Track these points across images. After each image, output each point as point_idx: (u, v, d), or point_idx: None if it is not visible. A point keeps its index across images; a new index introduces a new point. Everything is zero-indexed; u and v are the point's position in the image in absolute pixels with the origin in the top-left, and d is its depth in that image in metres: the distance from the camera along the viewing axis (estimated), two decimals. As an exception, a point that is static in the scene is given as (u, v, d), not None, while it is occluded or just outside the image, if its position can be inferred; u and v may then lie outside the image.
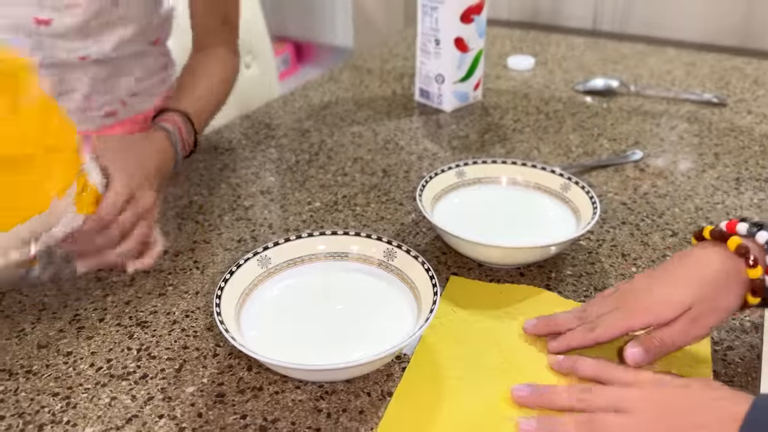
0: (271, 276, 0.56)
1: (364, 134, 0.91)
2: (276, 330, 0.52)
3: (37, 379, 0.50)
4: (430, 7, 0.92)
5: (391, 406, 0.47)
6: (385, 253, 0.57)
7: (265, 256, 0.55)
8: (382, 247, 0.57)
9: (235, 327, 0.50)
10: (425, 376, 0.49)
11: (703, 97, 1.00)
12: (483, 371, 0.49)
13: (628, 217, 0.71)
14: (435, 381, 0.49)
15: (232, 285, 0.52)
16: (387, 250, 0.57)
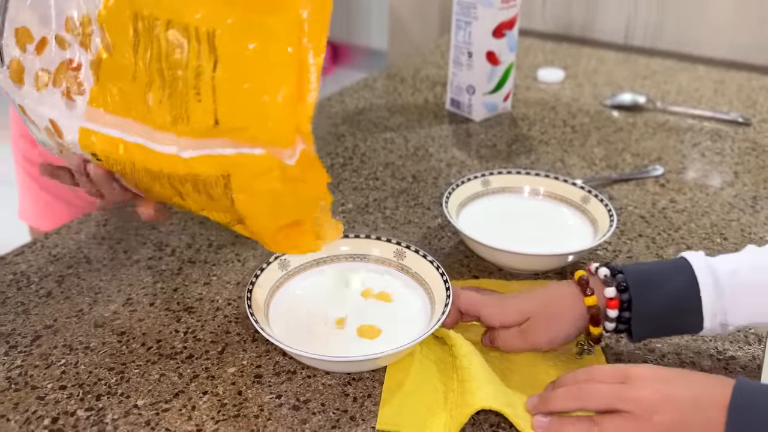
0: (295, 275, 0.61)
1: (396, 140, 0.95)
2: (302, 323, 0.57)
3: (94, 355, 0.55)
4: (464, 22, 0.96)
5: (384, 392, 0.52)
6: (395, 254, 0.62)
7: (285, 260, 0.61)
8: (394, 248, 0.62)
9: (265, 320, 0.55)
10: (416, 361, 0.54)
11: (728, 116, 1.03)
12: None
13: (645, 230, 0.74)
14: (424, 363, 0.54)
15: (259, 286, 0.58)
16: (397, 251, 0.62)
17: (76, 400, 0.51)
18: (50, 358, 0.55)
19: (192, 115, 0.44)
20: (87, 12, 0.46)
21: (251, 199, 0.46)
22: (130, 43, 0.45)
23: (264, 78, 0.42)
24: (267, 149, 0.43)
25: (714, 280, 0.51)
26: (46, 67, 0.48)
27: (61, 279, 0.65)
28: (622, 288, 0.52)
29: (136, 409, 0.50)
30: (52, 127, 0.50)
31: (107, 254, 0.68)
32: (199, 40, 0.43)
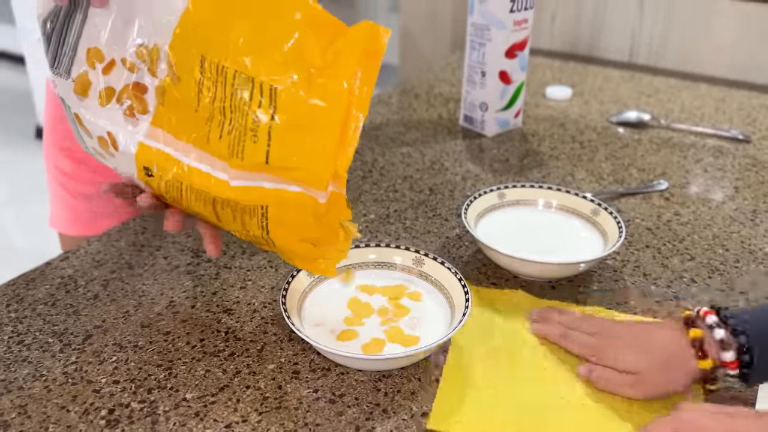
0: (324, 280, 0.66)
1: (413, 154, 1.00)
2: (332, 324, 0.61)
3: (143, 353, 0.60)
4: (478, 43, 1.01)
5: (441, 388, 0.56)
6: (414, 261, 0.67)
7: None
8: (413, 256, 0.67)
9: (299, 321, 0.59)
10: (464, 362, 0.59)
11: (729, 133, 1.08)
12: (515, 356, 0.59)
13: (651, 241, 0.79)
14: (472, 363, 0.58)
15: (292, 290, 0.62)
16: (416, 259, 0.67)
17: (129, 393, 0.56)
18: (102, 355, 0.60)
19: (247, 152, 0.50)
20: (157, 43, 0.52)
21: (283, 228, 0.52)
22: (196, 80, 0.51)
23: (314, 131, 0.48)
24: (304, 188, 0.50)
25: None
26: (112, 86, 0.53)
27: (106, 283, 0.69)
28: (744, 350, 0.52)
29: (185, 402, 0.55)
30: (108, 138, 0.55)
31: (148, 260, 0.73)
32: (263, 93, 0.49)
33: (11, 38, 3.50)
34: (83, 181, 0.90)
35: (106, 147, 0.56)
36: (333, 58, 0.48)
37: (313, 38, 0.48)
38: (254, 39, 0.49)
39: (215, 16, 0.50)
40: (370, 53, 0.48)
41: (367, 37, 0.48)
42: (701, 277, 0.72)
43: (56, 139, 0.90)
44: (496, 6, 0.97)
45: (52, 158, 0.92)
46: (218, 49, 0.50)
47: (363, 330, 0.61)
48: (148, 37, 0.52)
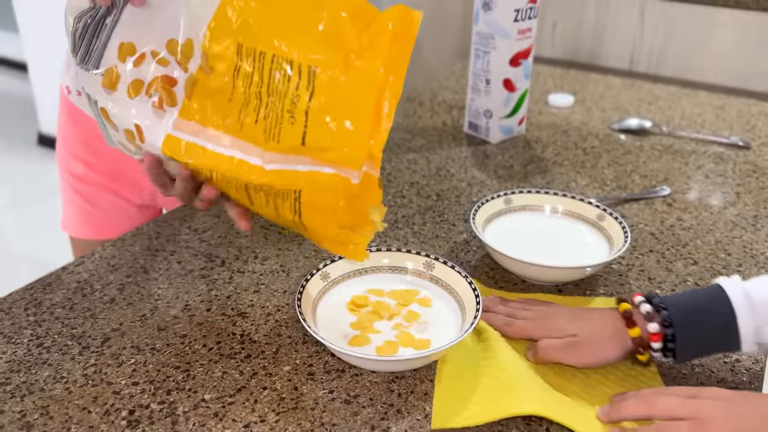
0: (337, 284, 0.67)
1: (419, 161, 1.02)
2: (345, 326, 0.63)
3: (160, 355, 0.61)
4: (483, 51, 1.03)
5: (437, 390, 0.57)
6: (425, 265, 0.68)
7: (325, 272, 0.67)
8: (424, 260, 0.68)
9: (313, 323, 0.61)
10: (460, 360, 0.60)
11: (729, 139, 1.09)
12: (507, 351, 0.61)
13: (655, 246, 0.80)
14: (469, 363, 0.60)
15: (307, 293, 0.64)
16: (427, 263, 0.68)
17: (148, 394, 0.57)
18: (120, 357, 0.61)
19: (283, 134, 0.51)
20: (190, 37, 0.53)
21: (315, 212, 0.53)
22: (231, 68, 0.52)
23: (351, 111, 0.50)
24: (338, 169, 0.50)
25: (751, 308, 0.55)
26: (141, 79, 0.55)
27: (122, 287, 0.71)
28: (666, 324, 0.56)
29: (204, 403, 0.56)
30: (135, 130, 0.56)
31: (162, 264, 0.74)
32: (301, 75, 0.50)
33: (14, 46, 3.52)
34: (95, 185, 0.92)
35: (133, 139, 0.57)
36: (368, 41, 0.50)
37: (348, 23, 0.50)
38: (292, 25, 0.51)
39: (252, 6, 0.52)
40: (403, 36, 0.50)
41: (399, 20, 0.50)
42: (704, 280, 0.74)
43: (68, 144, 0.91)
44: (501, 15, 0.99)
45: (64, 162, 0.93)
46: (256, 36, 0.51)
47: (375, 333, 0.62)
48: (182, 33, 0.54)
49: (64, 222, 0.98)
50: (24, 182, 2.76)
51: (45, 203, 2.61)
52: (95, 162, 0.90)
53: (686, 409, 0.49)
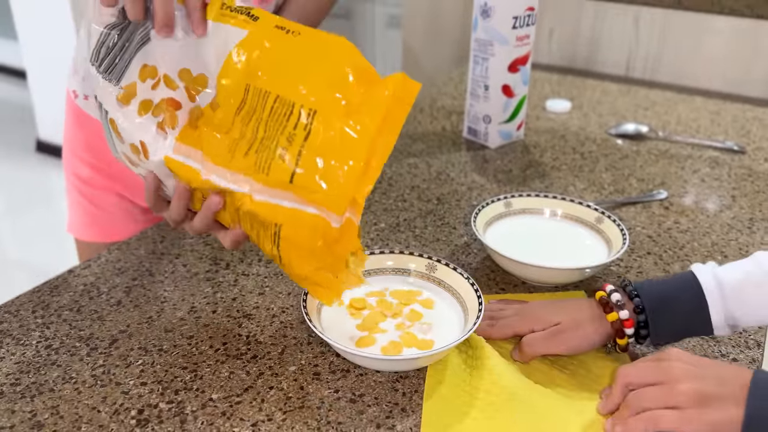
0: None
1: (419, 165, 1.03)
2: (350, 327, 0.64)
3: (168, 356, 0.62)
4: (482, 58, 1.05)
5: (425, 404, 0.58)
6: (427, 267, 0.69)
7: None
8: (426, 262, 0.70)
9: (318, 322, 0.62)
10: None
11: (725, 144, 1.11)
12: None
13: (652, 249, 0.81)
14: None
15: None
16: (429, 265, 0.69)
17: (157, 394, 0.58)
18: (128, 358, 0.62)
19: (273, 169, 0.53)
20: (204, 72, 0.55)
21: (293, 247, 0.55)
22: (235, 105, 0.55)
23: (342, 157, 0.52)
24: (321, 211, 0.52)
25: (720, 292, 0.58)
26: (150, 98, 0.56)
27: (129, 289, 0.72)
28: (639, 310, 0.59)
29: (211, 402, 0.57)
30: (140, 146, 0.58)
31: (168, 268, 0.75)
32: (300, 116, 0.52)
33: (13, 53, 3.53)
34: (100, 188, 0.93)
35: (138, 154, 0.59)
36: (368, 98, 0.52)
37: (352, 78, 0.53)
38: (299, 72, 0.53)
39: (266, 52, 0.54)
40: (401, 100, 0.53)
41: (400, 86, 0.52)
42: (701, 282, 0.75)
43: (75, 148, 0.93)
44: (500, 22, 1.00)
45: (70, 166, 0.95)
46: (265, 79, 0.54)
47: (380, 333, 0.63)
48: (197, 66, 0.56)
49: (70, 224, 0.99)
50: (22, 189, 2.76)
51: (43, 210, 2.62)
52: (101, 165, 0.92)
53: (657, 372, 0.52)
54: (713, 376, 0.50)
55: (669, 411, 0.50)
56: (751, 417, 0.48)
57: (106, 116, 0.59)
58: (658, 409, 0.51)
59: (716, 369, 0.52)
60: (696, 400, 0.49)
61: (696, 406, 0.49)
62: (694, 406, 0.49)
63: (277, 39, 0.54)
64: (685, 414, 0.49)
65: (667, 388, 0.51)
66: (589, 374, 0.61)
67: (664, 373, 0.52)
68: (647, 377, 0.53)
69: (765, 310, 0.57)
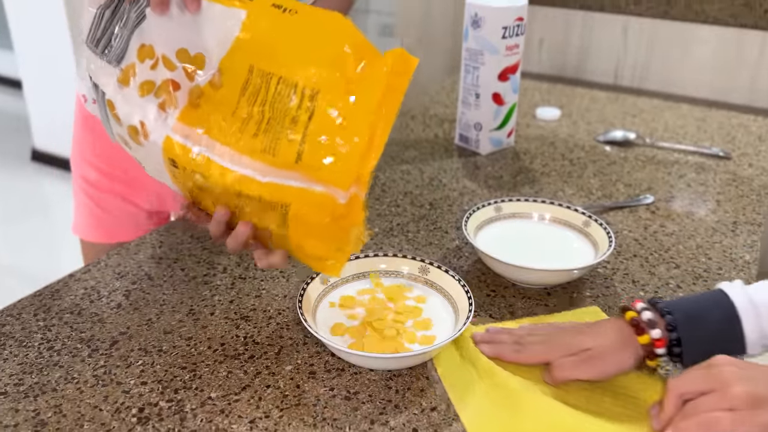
0: (336, 287, 0.71)
1: (412, 172, 1.05)
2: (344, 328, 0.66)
3: (167, 356, 0.64)
4: (473, 67, 1.07)
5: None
6: (420, 270, 0.71)
7: (324, 276, 0.70)
8: (419, 265, 0.72)
9: (313, 322, 0.64)
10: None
11: (710, 150, 1.14)
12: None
13: (639, 251, 0.84)
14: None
15: (307, 295, 0.67)
16: (422, 267, 0.71)
17: (157, 393, 0.59)
18: (129, 359, 0.63)
19: (280, 150, 0.54)
20: (201, 52, 0.57)
21: (302, 225, 0.57)
22: (239, 86, 0.56)
23: (345, 134, 0.53)
24: (327, 188, 0.54)
25: (755, 313, 0.57)
26: (152, 80, 0.58)
27: (128, 293, 0.73)
28: (670, 328, 0.58)
29: (210, 401, 0.59)
30: (140, 127, 0.59)
31: (166, 272, 0.77)
32: (303, 97, 0.54)
33: (9, 63, 3.54)
34: (107, 191, 0.95)
35: (136, 136, 0.60)
36: (368, 74, 0.54)
37: (351, 56, 0.54)
38: (299, 53, 0.55)
39: (267, 33, 0.56)
40: (400, 74, 0.54)
41: (399, 60, 0.54)
42: (686, 283, 0.77)
43: (83, 151, 0.95)
44: (490, 32, 1.03)
45: (79, 168, 0.97)
46: (266, 59, 0.56)
47: (374, 332, 0.65)
48: (194, 46, 0.57)
49: (75, 226, 1.01)
50: (17, 198, 2.77)
51: (37, 218, 2.63)
52: (108, 169, 0.94)
53: (709, 379, 0.52)
54: (765, 379, 0.51)
55: (722, 413, 0.50)
56: None
57: (103, 98, 0.60)
58: (713, 412, 0.50)
59: (764, 371, 0.52)
60: (749, 402, 0.50)
61: (749, 408, 0.50)
62: (747, 408, 0.50)
63: (275, 18, 0.56)
64: (738, 416, 0.50)
65: (720, 393, 0.51)
66: (629, 392, 0.60)
67: (716, 379, 0.52)
68: (699, 385, 0.52)
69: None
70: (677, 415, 0.53)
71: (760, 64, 1.41)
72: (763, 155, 1.15)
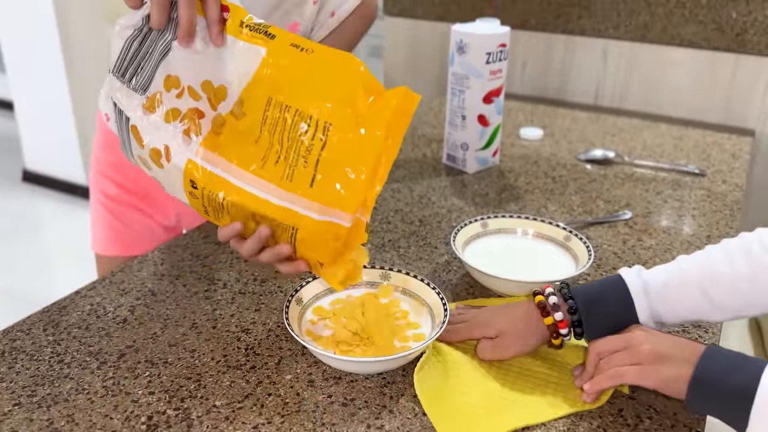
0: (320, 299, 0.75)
1: (402, 190, 1.10)
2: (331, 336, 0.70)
3: (173, 367, 0.67)
4: (459, 90, 1.12)
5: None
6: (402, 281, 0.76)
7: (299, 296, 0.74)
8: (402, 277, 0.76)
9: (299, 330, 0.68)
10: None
11: (687, 167, 1.19)
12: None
13: (618, 264, 0.88)
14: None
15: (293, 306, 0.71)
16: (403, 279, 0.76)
17: (164, 402, 0.63)
18: (136, 370, 0.67)
19: (296, 175, 0.59)
20: (224, 84, 0.62)
21: (307, 247, 0.62)
22: (260, 116, 0.61)
23: (354, 164, 0.58)
24: (333, 215, 0.59)
25: (645, 292, 0.65)
26: (178, 107, 0.63)
27: (133, 308, 0.77)
28: (572, 311, 0.66)
29: (215, 408, 0.62)
30: (164, 150, 0.63)
31: (169, 288, 0.81)
32: (317, 128, 0.59)
33: (1, 85, 3.57)
34: (126, 205, 1.00)
35: (158, 158, 0.64)
36: (376, 110, 0.59)
37: (361, 93, 0.59)
38: (315, 88, 0.60)
39: (285, 68, 0.61)
40: (404, 111, 0.60)
41: (403, 98, 0.59)
42: (662, 294, 0.82)
43: (104, 168, 1.00)
44: (474, 58, 1.08)
45: (97, 184, 1.01)
46: (285, 93, 0.60)
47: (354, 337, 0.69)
48: (218, 78, 0.62)
49: (94, 242, 1.04)
50: (8, 218, 2.78)
51: (28, 239, 2.64)
52: (127, 184, 0.99)
53: (622, 340, 0.62)
54: (670, 342, 0.60)
55: (630, 366, 0.59)
56: (697, 377, 0.56)
57: (127, 123, 0.64)
58: (622, 366, 0.60)
59: (673, 338, 0.61)
60: (653, 358, 0.59)
61: (653, 363, 0.59)
62: (651, 363, 0.59)
63: (293, 56, 0.61)
64: (644, 369, 0.59)
65: (629, 351, 0.60)
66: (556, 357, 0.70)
67: (627, 340, 0.61)
68: (614, 345, 0.62)
69: (683, 306, 0.65)
70: (595, 371, 0.62)
71: (733, 85, 1.47)
72: (736, 172, 1.20)
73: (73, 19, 2.57)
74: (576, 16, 1.57)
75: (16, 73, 2.83)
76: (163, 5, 0.60)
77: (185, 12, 0.59)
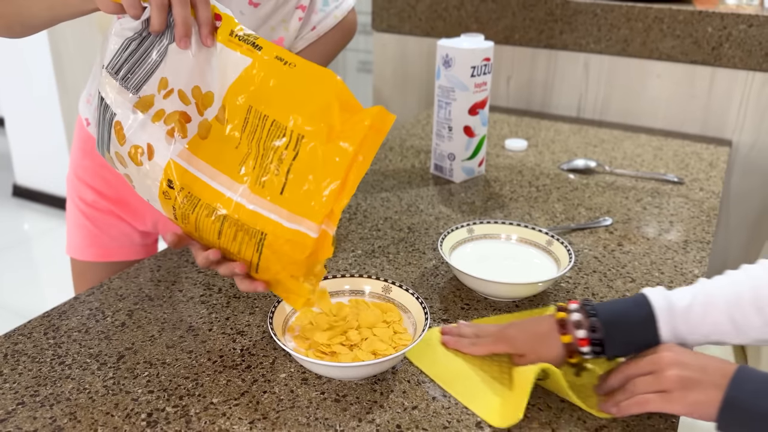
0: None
1: (391, 199, 1.13)
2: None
3: (171, 368, 0.70)
4: (445, 102, 1.16)
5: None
6: (383, 289, 0.78)
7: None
8: (382, 284, 0.78)
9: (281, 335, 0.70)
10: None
11: (665, 176, 1.24)
12: None
13: (598, 267, 0.92)
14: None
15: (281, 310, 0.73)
16: (384, 287, 0.78)
17: (163, 400, 0.65)
18: (135, 371, 0.69)
19: (268, 182, 0.62)
20: (212, 90, 0.65)
21: (273, 255, 0.63)
22: (241, 123, 0.64)
23: (323, 175, 0.61)
24: (301, 224, 0.61)
25: (670, 312, 0.65)
26: (164, 108, 0.65)
27: (131, 313, 0.79)
28: (594, 329, 0.66)
29: (212, 405, 0.65)
30: (146, 148, 0.66)
31: (165, 293, 0.83)
32: (290, 139, 0.62)
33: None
34: (102, 211, 1.02)
35: (138, 156, 0.66)
36: (350, 126, 0.61)
37: (336, 108, 0.62)
38: (293, 100, 0.63)
39: (266, 79, 0.64)
40: (378, 129, 0.62)
41: (378, 116, 0.62)
42: (640, 295, 0.86)
43: (82, 174, 1.02)
44: (460, 72, 1.12)
45: (75, 189, 1.03)
46: (264, 103, 0.63)
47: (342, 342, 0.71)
48: (206, 84, 0.65)
49: (69, 246, 1.06)
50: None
51: (17, 253, 2.65)
52: (105, 190, 1.00)
53: (649, 363, 0.62)
54: (697, 365, 0.59)
55: (656, 394, 0.59)
56: (728, 401, 0.56)
57: (111, 118, 0.66)
58: (647, 393, 0.60)
59: (701, 360, 0.60)
60: (681, 385, 0.58)
61: (680, 390, 0.58)
62: (678, 390, 0.58)
63: (276, 69, 0.64)
64: (671, 396, 0.58)
65: (656, 376, 0.60)
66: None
67: (654, 363, 0.61)
68: (642, 369, 0.62)
69: (707, 328, 0.65)
70: (619, 392, 0.63)
71: (710, 97, 1.52)
72: (713, 180, 1.25)
73: (65, 35, 2.59)
74: (558, 31, 1.62)
75: (7, 88, 2.85)
76: (163, 9, 0.63)
77: (180, 12, 0.62)
